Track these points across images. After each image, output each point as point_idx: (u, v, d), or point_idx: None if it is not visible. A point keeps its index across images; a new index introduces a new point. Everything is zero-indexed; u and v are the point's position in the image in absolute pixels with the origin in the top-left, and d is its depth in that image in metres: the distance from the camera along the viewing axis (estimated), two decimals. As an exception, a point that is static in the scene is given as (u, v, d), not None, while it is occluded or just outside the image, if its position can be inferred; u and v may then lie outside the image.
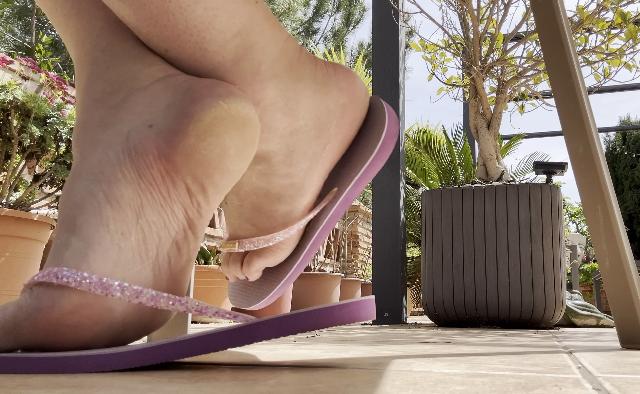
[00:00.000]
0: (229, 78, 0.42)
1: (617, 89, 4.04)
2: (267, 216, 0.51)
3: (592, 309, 2.04)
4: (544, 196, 1.71)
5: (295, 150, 0.48)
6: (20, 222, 1.21)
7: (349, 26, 9.01)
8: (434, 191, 1.85)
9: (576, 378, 0.35)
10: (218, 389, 0.28)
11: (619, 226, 0.65)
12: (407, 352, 0.55)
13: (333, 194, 0.53)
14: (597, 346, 0.73)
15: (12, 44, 5.82)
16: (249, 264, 0.52)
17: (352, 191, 0.53)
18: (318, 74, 0.48)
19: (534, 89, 2.17)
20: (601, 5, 1.85)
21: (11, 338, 0.36)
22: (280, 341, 0.74)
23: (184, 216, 0.40)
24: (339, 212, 0.53)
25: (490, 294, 1.70)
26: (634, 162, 10.01)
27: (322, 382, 0.31)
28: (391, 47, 2.16)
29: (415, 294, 4.08)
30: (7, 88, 1.30)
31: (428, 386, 0.30)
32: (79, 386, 0.28)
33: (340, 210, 0.53)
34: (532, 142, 15.94)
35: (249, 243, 0.52)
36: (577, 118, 0.65)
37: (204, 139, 0.39)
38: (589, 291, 7.24)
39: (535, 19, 0.66)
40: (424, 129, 3.91)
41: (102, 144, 0.40)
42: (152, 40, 0.42)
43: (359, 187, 0.53)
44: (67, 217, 0.38)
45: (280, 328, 0.35)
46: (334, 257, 3.96)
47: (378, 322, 1.99)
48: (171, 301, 0.38)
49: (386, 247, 2.05)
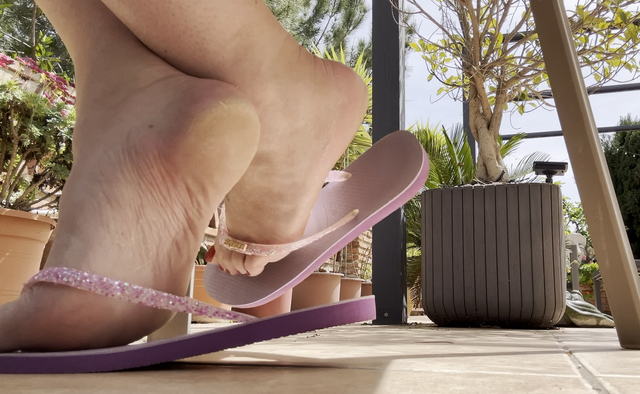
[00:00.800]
0: (228, 78, 0.42)
1: (617, 89, 4.04)
2: (269, 214, 0.51)
3: (592, 309, 2.04)
4: (544, 196, 1.71)
5: (296, 150, 0.48)
6: (20, 222, 1.21)
7: (349, 26, 9.01)
8: (434, 191, 1.85)
9: (576, 378, 0.35)
10: (218, 389, 0.28)
11: (619, 226, 0.65)
12: (407, 352, 0.55)
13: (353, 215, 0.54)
14: (597, 346, 0.73)
15: (12, 44, 5.82)
16: (253, 260, 0.53)
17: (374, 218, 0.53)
18: (317, 74, 0.48)
19: (534, 89, 2.17)
20: (601, 5, 1.85)
21: (11, 338, 0.36)
22: (280, 341, 0.74)
23: (184, 216, 0.40)
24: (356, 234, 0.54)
25: (490, 294, 1.70)
26: (633, 162, 10.01)
27: (322, 382, 0.31)
28: (391, 46, 2.16)
29: (415, 294, 4.08)
30: (7, 88, 1.30)
31: (428, 386, 0.30)
32: (79, 386, 0.28)
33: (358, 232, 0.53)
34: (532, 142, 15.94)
35: (259, 249, 0.52)
36: (577, 118, 0.65)
37: (204, 139, 0.39)
38: (589, 291, 7.24)
39: (535, 19, 0.66)
40: (424, 129, 3.91)
41: (102, 144, 0.40)
42: (152, 40, 0.42)
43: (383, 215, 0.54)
44: (67, 217, 0.38)
45: (280, 328, 0.35)
46: (334, 257, 3.96)
47: (378, 322, 1.99)
48: (171, 301, 0.38)
49: (386, 247, 2.05)
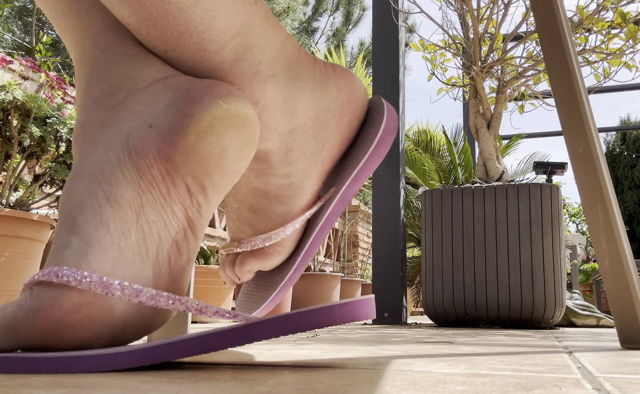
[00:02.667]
0: (228, 78, 0.43)
1: (617, 89, 4.04)
2: (264, 217, 0.51)
3: (592, 309, 2.04)
4: (544, 196, 1.71)
5: (294, 149, 0.48)
6: (20, 222, 1.21)
7: (348, 25, 9.01)
8: (434, 191, 1.85)
9: (576, 378, 0.35)
10: (218, 389, 0.28)
11: (619, 226, 0.65)
12: (407, 352, 0.55)
13: (331, 193, 0.53)
14: (597, 346, 0.73)
15: (12, 44, 5.82)
16: (241, 264, 0.52)
17: (349, 188, 0.52)
18: (317, 74, 0.48)
19: (534, 89, 2.17)
20: (601, 5, 1.85)
21: (11, 338, 0.36)
22: (280, 341, 0.74)
23: (184, 216, 0.40)
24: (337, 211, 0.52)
25: (490, 294, 1.70)
26: (633, 162, 10.01)
27: (322, 382, 0.31)
28: (391, 46, 2.16)
29: (415, 294, 4.08)
30: (7, 88, 1.30)
31: (428, 386, 0.30)
32: (79, 386, 0.28)
33: (338, 209, 0.52)
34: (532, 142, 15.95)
35: (246, 243, 0.51)
36: (577, 118, 0.65)
37: (203, 138, 0.39)
38: (589, 291, 7.24)
39: (535, 19, 0.66)
40: (424, 129, 3.91)
41: (102, 144, 0.40)
42: (152, 41, 0.42)
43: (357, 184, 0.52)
44: (67, 217, 0.38)
45: (280, 327, 0.35)
46: (334, 257, 3.96)
47: (378, 322, 1.99)
48: (171, 301, 0.38)
49: (386, 247, 2.05)
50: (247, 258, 0.52)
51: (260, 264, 0.52)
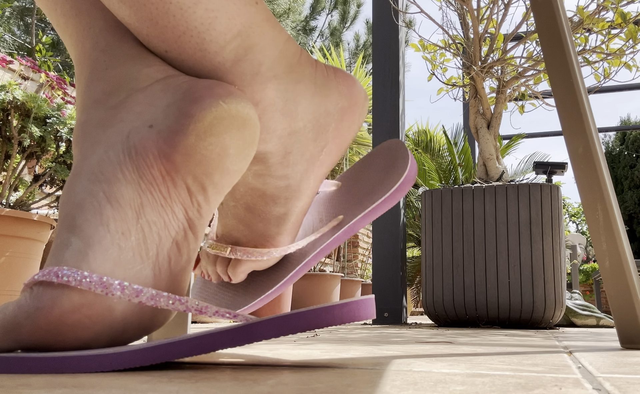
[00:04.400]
0: (228, 79, 0.43)
1: (617, 89, 4.04)
2: (260, 217, 0.51)
3: (592, 309, 2.04)
4: (544, 196, 1.71)
5: (293, 151, 0.48)
6: (20, 222, 1.21)
7: (345, 23, 9.04)
8: (434, 191, 1.85)
9: (576, 378, 0.35)
10: (218, 389, 0.28)
11: (619, 226, 0.65)
12: (407, 352, 0.55)
13: (338, 221, 0.53)
14: (597, 346, 0.73)
15: (12, 44, 5.82)
16: (236, 266, 0.52)
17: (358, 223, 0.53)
18: (318, 77, 0.48)
19: (534, 89, 2.17)
20: (601, 5, 1.85)
21: (11, 338, 0.36)
22: (280, 341, 0.74)
23: (184, 216, 0.40)
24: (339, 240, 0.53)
25: (490, 294, 1.70)
26: (633, 162, 10.01)
27: (322, 382, 0.31)
28: (391, 46, 2.16)
29: (415, 294, 4.08)
30: (7, 88, 1.30)
31: (428, 386, 0.30)
32: (79, 386, 0.28)
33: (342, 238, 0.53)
34: (532, 142, 15.95)
35: (242, 253, 0.51)
36: (577, 118, 0.65)
37: (204, 139, 0.39)
38: (589, 291, 7.25)
39: (535, 19, 0.66)
40: (424, 129, 3.91)
41: (102, 144, 0.40)
42: (152, 41, 0.42)
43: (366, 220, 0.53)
44: (67, 217, 0.38)
45: (280, 327, 0.35)
46: (334, 257, 3.96)
47: (378, 322, 1.99)
48: (171, 301, 0.38)
49: (386, 247, 2.05)
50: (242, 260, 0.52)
51: (254, 266, 0.52)
